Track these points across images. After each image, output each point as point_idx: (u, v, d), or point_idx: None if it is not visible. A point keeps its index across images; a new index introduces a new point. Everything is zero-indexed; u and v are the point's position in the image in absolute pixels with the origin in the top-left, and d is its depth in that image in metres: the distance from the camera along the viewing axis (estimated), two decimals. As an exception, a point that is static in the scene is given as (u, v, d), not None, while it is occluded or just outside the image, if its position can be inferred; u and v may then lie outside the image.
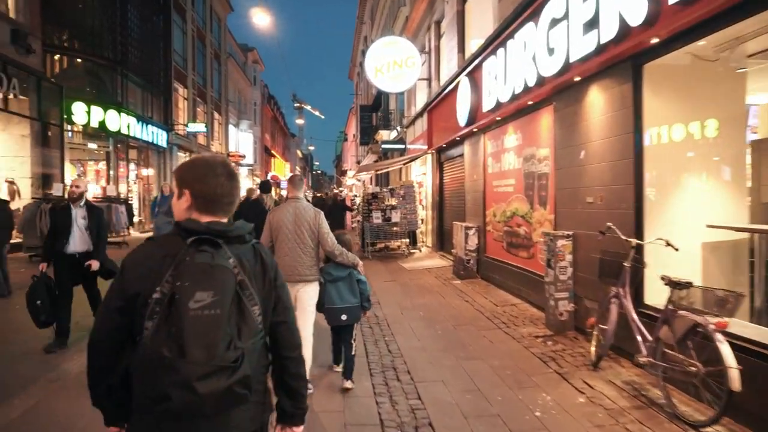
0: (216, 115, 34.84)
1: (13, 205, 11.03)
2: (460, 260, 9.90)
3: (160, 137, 22.60)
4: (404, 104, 19.53)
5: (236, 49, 43.59)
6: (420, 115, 15.62)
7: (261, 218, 4.70)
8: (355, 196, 30.96)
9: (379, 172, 19.89)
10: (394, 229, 13.64)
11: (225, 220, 1.61)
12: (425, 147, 14.70)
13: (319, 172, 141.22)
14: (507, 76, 7.45)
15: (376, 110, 29.41)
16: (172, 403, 1.32)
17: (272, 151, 58.93)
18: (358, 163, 47.83)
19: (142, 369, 1.40)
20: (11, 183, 14.10)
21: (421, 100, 16.69)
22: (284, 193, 46.93)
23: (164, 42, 23.96)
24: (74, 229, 5.44)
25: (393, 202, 14.65)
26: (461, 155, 11.34)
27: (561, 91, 6.19)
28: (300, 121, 45.66)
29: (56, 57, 17.01)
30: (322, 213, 4.38)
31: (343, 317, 4.33)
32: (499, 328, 6.27)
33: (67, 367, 4.78)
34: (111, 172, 18.86)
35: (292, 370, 1.71)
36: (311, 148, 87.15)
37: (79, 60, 17.79)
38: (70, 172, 19.13)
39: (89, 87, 18.39)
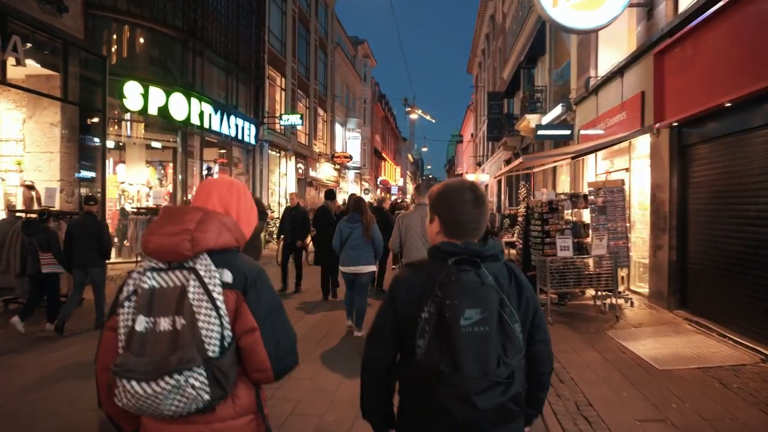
0: (320, 111, 30.76)
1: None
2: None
3: (247, 132, 18.44)
4: (570, 71, 13.38)
5: (345, 40, 39.63)
6: (619, 72, 9.47)
7: (383, 226, 6.48)
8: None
9: (542, 168, 13.82)
10: (591, 266, 7.65)
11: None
12: (633, 125, 8.57)
13: (430, 176, 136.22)
14: None
15: (511, 95, 23.31)
16: (453, 416, 1.42)
17: (382, 154, 54.65)
18: (479, 165, 41.70)
19: (417, 385, 1.50)
20: (29, 188, 10.09)
21: (608, 56, 10.54)
22: (393, 198, 42.32)
23: (257, 18, 19.92)
24: None
25: (570, 215, 8.72)
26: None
27: None
28: (413, 116, 40.58)
29: (108, 23, 13.08)
30: None
31: None
32: None
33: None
34: (180, 176, 14.81)
35: (544, 382, 1.74)
36: (424, 149, 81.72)
37: (136, 28, 13.81)
38: (149, 176, 15.65)
39: (149, 64, 14.42)
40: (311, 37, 28.45)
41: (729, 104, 5.84)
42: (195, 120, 14.57)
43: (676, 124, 7.19)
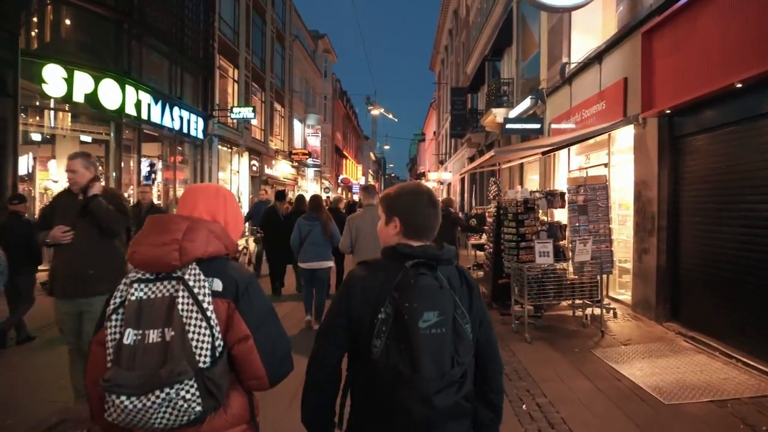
0: (277, 105, 29.31)
1: None
2: None
3: (193, 125, 16.96)
4: (539, 62, 12.57)
5: (305, 33, 38.21)
6: (597, 59, 8.65)
7: (338, 226, 6.02)
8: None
9: (509, 165, 12.95)
10: (571, 273, 6.76)
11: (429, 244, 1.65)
12: (614, 115, 7.76)
13: (392, 175, 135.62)
14: None
15: (476, 90, 22.54)
16: (412, 416, 1.43)
17: (344, 152, 53.41)
18: (442, 163, 41.00)
19: (374, 384, 1.48)
20: None
21: (582, 43, 9.75)
22: (356, 197, 41.25)
23: (206, 3, 18.40)
24: None
25: (542, 215, 7.83)
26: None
27: None
28: (375, 112, 39.46)
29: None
30: None
31: None
32: None
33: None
34: (114, 173, 13.25)
35: (495, 386, 1.72)
36: (386, 147, 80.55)
37: (62, 5, 12.21)
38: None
39: (78, 47, 12.80)
40: (267, 28, 27.00)
41: (740, 84, 4.97)
42: (131, 110, 13.06)
43: (668, 111, 6.34)
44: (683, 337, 6.03)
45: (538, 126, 12.02)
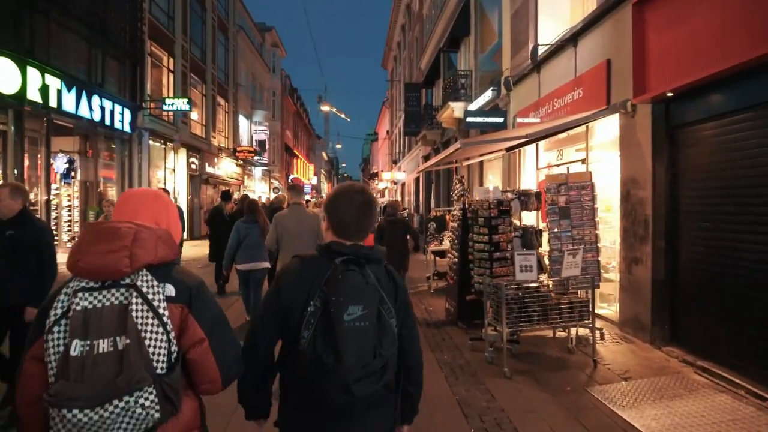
0: (220, 100, 27.33)
1: None
2: None
3: (118, 117, 15.05)
4: (500, 53, 11.52)
5: (251, 25, 36.25)
6: (572, 41, 7.61)
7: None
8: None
9: (468, 163, 11.75)
10: (550, 292, 5.62)
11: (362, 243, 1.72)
12: (595, 103, 6.74)
13: (345, 175, 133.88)
14: None
15: (431, 85, 21.48)
16: (332, 402, 1.53)
17: (294, 151, 51.53)
18: (395, 162, 39.93)
19: (301, 371, 1.57)
20: None
21: (550, 27, 8.75)
22: (306, 197, 39.64)
23: (132, -18, 16.47)
24: None
25: (517, 220, 6.74)
26: None
27: None
28: (326, 109, 37.84)
29: None
30: (320, 217, 4.28)
31: None
32: None
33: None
34: (14, 170, 11.27)
35: (413, 377, 1.84)
36: (338, 146, 78.83)
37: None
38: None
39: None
40: (208, 15, 25.07)
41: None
42: (34, 96, 11.15)
43: (670, 95, 5.29)
44: (692, 368, 5.00)
45: (501, 120, 10.97)
